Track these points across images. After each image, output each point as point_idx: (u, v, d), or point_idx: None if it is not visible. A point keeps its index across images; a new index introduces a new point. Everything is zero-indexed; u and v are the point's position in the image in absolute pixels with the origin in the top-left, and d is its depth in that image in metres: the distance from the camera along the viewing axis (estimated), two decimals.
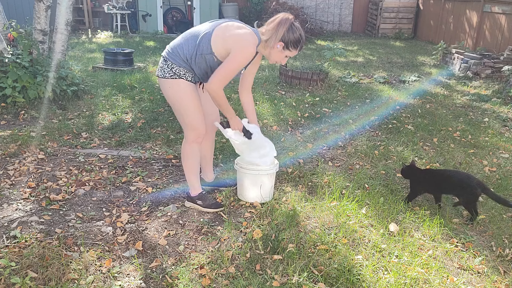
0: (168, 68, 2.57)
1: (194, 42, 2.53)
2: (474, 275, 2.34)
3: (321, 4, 13.07)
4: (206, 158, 3.13)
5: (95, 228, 2.61)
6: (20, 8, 10.32)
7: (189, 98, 2.62)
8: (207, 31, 2.52)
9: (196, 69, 2.58)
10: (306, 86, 6.27)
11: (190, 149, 2.78)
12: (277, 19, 2.51)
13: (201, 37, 2.51)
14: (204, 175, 3.16)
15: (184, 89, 2.59)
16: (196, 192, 2.88)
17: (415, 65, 8.43)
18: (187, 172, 2.87)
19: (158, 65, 2.65)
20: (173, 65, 2.56)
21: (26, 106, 4.62)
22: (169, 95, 2.64)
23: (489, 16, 8.53)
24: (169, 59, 2.57)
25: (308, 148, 4.03)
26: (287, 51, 2.54)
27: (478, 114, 5.38)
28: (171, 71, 2.56)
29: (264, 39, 2.51)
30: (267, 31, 2.51)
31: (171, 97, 2.64)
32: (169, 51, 2.60)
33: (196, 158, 2.82)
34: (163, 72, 2.60)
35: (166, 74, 2.58)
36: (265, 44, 2.52)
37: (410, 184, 3.09)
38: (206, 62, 2.55)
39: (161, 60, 2.63)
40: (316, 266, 2.29)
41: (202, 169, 3.13)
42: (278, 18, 2.51)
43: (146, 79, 6.28)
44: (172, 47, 2.60)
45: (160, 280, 2.19)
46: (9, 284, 2.06)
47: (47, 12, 4.84)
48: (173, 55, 2.56)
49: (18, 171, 3.28)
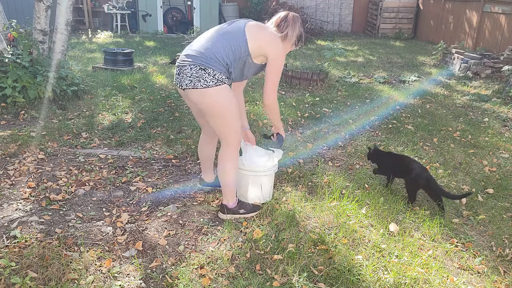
0: (211, 76, 2.39)
1: (229, 46, 2.43)
2: (474, 275, 2.34)
3: (321, 4, 13.07)
4: (211, 158, 3.08)
5: (95, 228, 2.61)
6: (20, 8, 10.33)
7: (233, 102, 2.51)
8: (239, 33, 2.46)
9: (234, 72, 2.51)
10: (306, 86, 6.27)
11: (235, 154, 2.63)
12: (288, 16, 2.58)
13: (237, 41, 2.44)
14: (205, 175, 3.13)
15: (228, 94, 2.48)
16: (234, 201, 2.75)
17: (415, 65, 8.43)
18: (229, 179, 2.67)
19: (190, 76, 2.41)
20: (215, 72, 2.40)
21: (26, 106, 4.63)
22: (213, 103, 2.45)
23: (489, 16, 8.53)
24: (210, 67, 2.40)
25: (308, 148, 4.03)
26: (294, 46, 2.64)
27: (478, 114, 5.38)
28: (214, 78, 2.40)
29: (280, 35, 2.55)
30: (282, 27, 2.56)
31: (216, 105, 2.46)
32: (205, 57, 2.41)
33: (238, 164, 2.71)
34: (204, 81, 2.39)
35: (209, 82, 2.39)
36: (283, 40, 2.57)
37: (378, 167, 3.30)
38: (244, 64, 2.51)
39: (196, 70, 2.40)
40: (316, 266, 2.29)
41: (204, 169, 3.11)
42: (288, 16, 2.58)
43: (146, 79, 6.28)
44: (206, 53, 2.42)
45: (160, 280, 2.19)
46: (9, 284, 2.06)
47: (47, 12, 4.84)
48: (212, 61, 2.40)
49: (18, 171, 3.28)
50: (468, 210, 3.02)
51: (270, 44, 2.49)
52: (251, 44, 2.45)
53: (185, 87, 2.46)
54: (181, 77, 2.47)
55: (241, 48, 2.45)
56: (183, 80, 2.46)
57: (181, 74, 2.48)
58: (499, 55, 7.57)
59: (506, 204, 3.12)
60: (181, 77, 2.47)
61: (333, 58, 6.72)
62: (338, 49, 6.62)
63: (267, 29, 2.55)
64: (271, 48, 2.49)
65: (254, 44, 2.46)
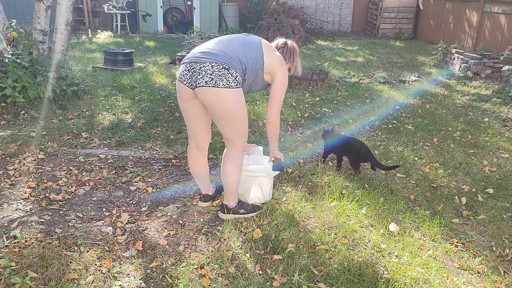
0: (233, 77, 2.34)
1: (249, 54, 2.44)
2: (474, 275, 2.34)
3: (321, 4, 13.07)
4: (207, 173, 2.91)
5: (95, 228, 2.61)
6: (20, 8, 10.33)
7: (245, 105, 2.51)
8: (257, 47, 2.50)
9: (246, 81, 2.48)
10: (306, 86, 6.26)
11: (239, 156, 2.61)
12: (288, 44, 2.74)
13: (256, 53, 2.47)
14: (207, 190, 2.93)
15: (243, 97, 2.47)
16: (235, 201, 2.74)
17: (415, 65, 8.43)
18: (232, 180, 2.65)
19: (211, 74, 2.31)
20: (237, 73, 2.36)
21: (26, 106, 4.63)
22: (229, 105, 2.38)
23: (489, 16, 8.53)
24: (233, 67, 2.35)
25: (308, 148, 4.03)
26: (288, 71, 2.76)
27: (478, 114, 5.38)
28: (235, 79, 2.35)
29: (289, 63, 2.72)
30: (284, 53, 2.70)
31: (232, 107, 2.40)
32: (229, 57, 2.36)
33: (241, 165, 2.69)
34: (227, 81, 2.32)
35: (231, 83, 2.33)
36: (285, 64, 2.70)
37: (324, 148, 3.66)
38: (256, 77, 2.51)
39: (219, 68, 2.32)
40: (316, 266, 2.29)
41: (203, 186, 2.91)
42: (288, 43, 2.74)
43: (146, 79, 6.29)
44: (229, 54, 2.38)
45: (160, 280, 2.19)
46: (9, 284, 2.06)
47: (47, 12, 4.84)
48: (235, 63, 2.37)
49: (18, 171, 3.28)
50: (468, 210, 3.02)
51: (281, 65, 2.58)
52: (266, 59, 2.49)
53: (201, 85, 2.33)
54: (197, 74, 2.34)
55: (258, 60, 2.47)
56: (200, 77, 2.32)
57: (195, 71, 2.35)
58: (499, 55, 7.57)
59: (506, 204, 3.12)
60: (197, 75, 2.34)
61: (333, 58, 6.73)
62: (338, 49, 6.62)
63: (276, 51, 2.64)
64: (281, 69, 2.58)
65: (268, 60, 2.50)
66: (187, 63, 2.42)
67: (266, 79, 2.58)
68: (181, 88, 2.47)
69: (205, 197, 2.92)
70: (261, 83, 2.57)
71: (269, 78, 2.58)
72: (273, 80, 2.58)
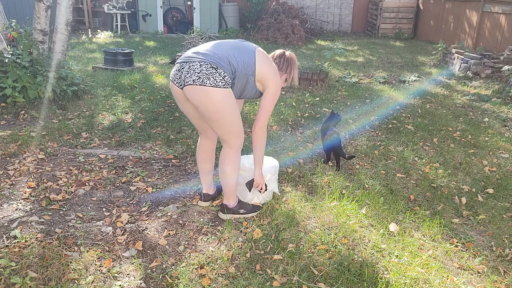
0: (221, 77, 2.34)
1: (240, 57, 2.44)
2: (474, 275, 2.34)
3: (321, 4, 13.07)
4: (211, 169, 2.93)
5: (95, 228, 2.61)
6: (20, 8, 10.32)
7: (236, 106, 2.48)
8: (251, 53, 2.48)
9: (236, 84, 2.48)
10: (306, 86, 6.27)
11: (236, 156, 2.60)
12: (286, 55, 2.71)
13: (248, 57, 2.46)
14: (208, 189, 2.96)
15: (233, 97, 2.45)
16: (235, 201, 2.75)
17: (415, 65, 8.43)
18: (231, 180, 2.65)
19: (199, 73, 2.33)
20: (225, 73, 2.35)
21: (26, 106, 4.63)
22: (217, 104, 2.37)
23: (489, 16, 8.53)
24: (221, 67, 2.35)
25: (308, 148, 4.03)
26: (285, 82, 2.75)
27: (478, 114, 5.38)
28: (223, 79, 2.34)
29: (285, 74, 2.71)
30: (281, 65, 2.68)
31: (220, 107, 2.39)
32: (218, 57, 2.38)
33: (239, 166, 2.69)
34: (214, 80, 2.32)
35: (218, 83, 2.33)
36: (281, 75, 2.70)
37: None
38: (246, 82, 2.49)
39: (207, 67, 2.33)
40: (316, 266, 2.29)
41: (206, 182, 2.93)
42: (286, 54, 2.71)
43: (146, 79, 6.29)
44: (219, 54, 2.39)
45: (160, 280, 2.19)
46: (9, 284, 2.06)
47: (47, 12, 4.84)
48: (224, 63, 2.37)
49: (18, 171, 3.28)
50: (468, 210, 3.02)
51: (273, 75, 2.55)
52: (258, 66, 2.47)
53: (189, 84, 2.34)
54: (186, 73, 2.36)
55: (249, 65, 2.45)
56: (189, 76, 2.34)
57: (185, 70, 2.37)
58: (499, 55, 7.57)
59: (506, 204, 3.12)
60: (186, 73, 2.36)
61: (333, 58, 6.73)
62: (338, 49, 6.63)
63: (272, 61, 2.62)
64: (273, 79, 2.54)
65: (260, 68, 2.48)
66: (179, 63, 2.46)
67: (259, 88, 2.55)
68: (174, 88, 2.50)
69: (206, 196, 2.92)
70: (252, 90, 2.54)
71: (261, 86, 2.55)
72: (264, 89, 2.56)
